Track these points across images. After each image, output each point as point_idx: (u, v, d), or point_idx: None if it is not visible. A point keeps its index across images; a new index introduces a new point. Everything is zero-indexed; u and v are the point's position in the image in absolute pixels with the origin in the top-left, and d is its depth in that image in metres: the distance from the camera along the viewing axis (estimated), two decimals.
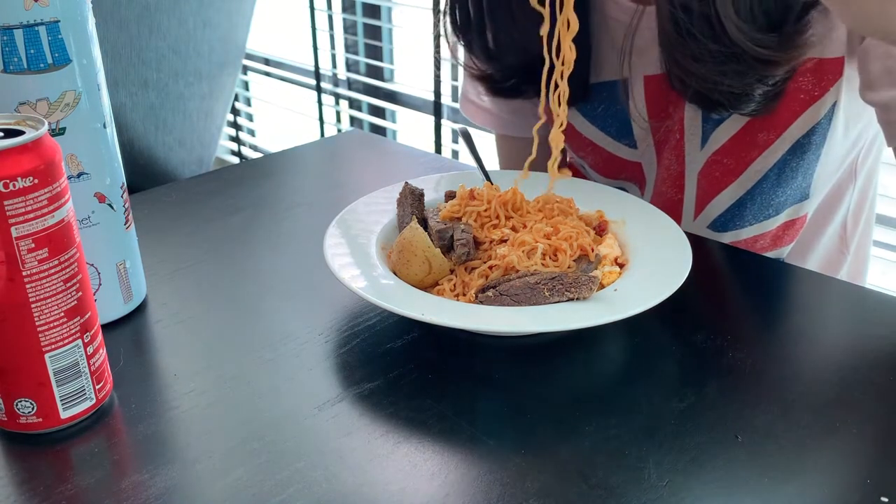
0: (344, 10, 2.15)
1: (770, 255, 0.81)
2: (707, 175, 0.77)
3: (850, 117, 0.73)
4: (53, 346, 0.46)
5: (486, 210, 0.63)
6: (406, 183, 0.67)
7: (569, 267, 0.58)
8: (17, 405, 0.47)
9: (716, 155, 0.76)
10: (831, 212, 0.83)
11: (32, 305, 0.44)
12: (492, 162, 0.87)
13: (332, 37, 2.20)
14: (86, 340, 0.47)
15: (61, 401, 0.47)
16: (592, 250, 0.60)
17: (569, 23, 0.60)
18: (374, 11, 2.09)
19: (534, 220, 0.62)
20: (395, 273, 0.59)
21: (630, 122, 0.79)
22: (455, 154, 1.96)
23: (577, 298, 0.54)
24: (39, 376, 0.46)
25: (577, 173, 0.92)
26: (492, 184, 0.68)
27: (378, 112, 2.23)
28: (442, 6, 0.80)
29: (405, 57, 2.14)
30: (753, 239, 0.80)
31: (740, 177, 0.76)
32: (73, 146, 0.53)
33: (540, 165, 0.68)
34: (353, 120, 2.30)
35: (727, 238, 0.80)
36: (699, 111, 0.74)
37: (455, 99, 1.91)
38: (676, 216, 0.81)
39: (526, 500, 0.43)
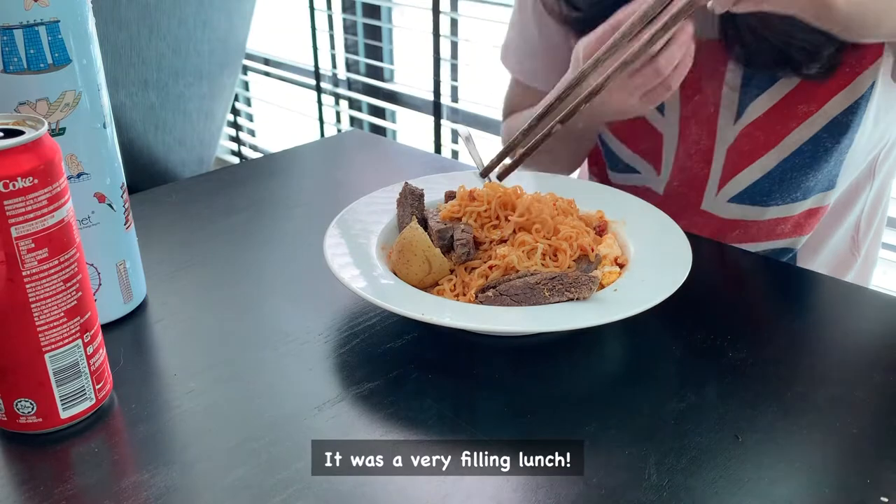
0: (344, 10, 2.15)
1: (786, 243, 0.82)
2: (737, 149, 0.79)
3: (882, 107, 0.75)
4: (53, 346, 0.46)
5: (485, 210, 0.63)
6: (406, 183, 0.67)
7: (569, 267, 0.58)
8: (17, 405, 0.47)
9: (748, 128, 0.77)
10: (847, 209, 0.84)
11: (32, 305, 0.44)
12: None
13: (331, 37, 2.20)
14: (86, 340, 0.47)
15: (61, 401, 0.47)
16: (592, 250, 0.60)
17: None
18: (374, 11, 2.09)
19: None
20: (395, 273, 0.59)
21: None
22: (455, 154, 1.96)
23: (577, 298, 0.54)
24: (39, 376, 0.46)
25: (594, 152, 0.91)
26: (490, 180, 0.67)
27: (378, 112, 2.23)
28: None
29: (405, 57, 2.14)
30: (776, 221, 0.81)
31: (773, 149, 0.77)
32: (73, 146, 0.53)
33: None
34: (353, 120, 2.30)
35: (751, 214, 0.81)
36: (738, 81, 0.75)
37: (455, 99, 1.91)
38: (699, 190, 0.82)
39: (526, 500, 0.43)
